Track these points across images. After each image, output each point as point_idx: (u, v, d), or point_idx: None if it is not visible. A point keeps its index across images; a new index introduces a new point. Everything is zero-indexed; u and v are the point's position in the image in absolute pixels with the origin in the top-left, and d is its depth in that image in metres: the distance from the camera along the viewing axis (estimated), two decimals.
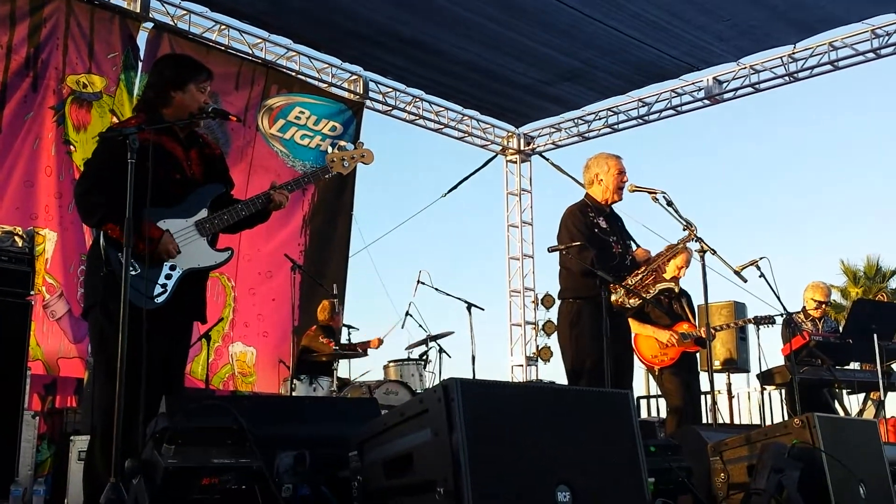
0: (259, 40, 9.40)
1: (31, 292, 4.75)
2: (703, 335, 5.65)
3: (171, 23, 8.67)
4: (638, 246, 5.22)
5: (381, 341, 8.01)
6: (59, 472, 6.08)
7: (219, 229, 3.54)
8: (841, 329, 7.33)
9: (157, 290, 3.36)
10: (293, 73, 9.76)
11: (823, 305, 7.42)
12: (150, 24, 8.40)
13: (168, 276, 3.40)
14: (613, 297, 4.82)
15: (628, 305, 4.93)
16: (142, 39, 8.30)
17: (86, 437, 5.39)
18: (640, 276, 4.98)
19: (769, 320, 6.58)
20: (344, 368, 7.81)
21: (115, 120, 7.67)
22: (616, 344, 4.80)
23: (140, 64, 8.20)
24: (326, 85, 10.11)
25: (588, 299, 4.83)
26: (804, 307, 7.44)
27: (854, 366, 7.25)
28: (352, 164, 3.90)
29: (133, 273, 3.07)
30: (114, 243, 3.26)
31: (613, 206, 5.21)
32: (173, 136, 3.55)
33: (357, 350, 7.78)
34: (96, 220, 3.36)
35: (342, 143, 9.27)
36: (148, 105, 3.63)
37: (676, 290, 5.91)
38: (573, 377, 4.88)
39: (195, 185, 3.54)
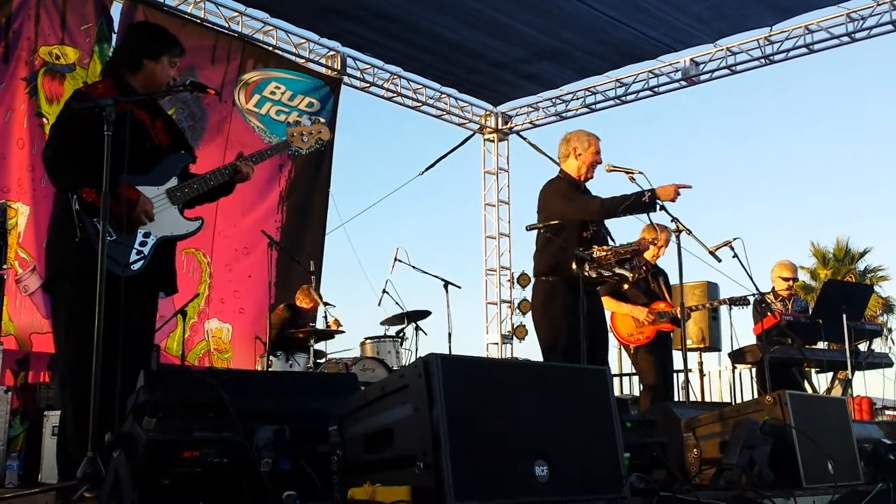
0: (235, 13, 9.27)
1: (4, 266, 4.72)
2: (679, 314, 5.71)
3: None
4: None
5: (337, 322, 7.95)
6: (32, 448, 6.04)
7: (189, 198, 3.52)
8: (811, 309, 7.43)
9: (134, 256, 3.32)
10: (270, 48, 9.65)
11: (791, 281, 7.48)
12: None
13: (143, 244, 3.36)
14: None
15: (594, 276, 4.80)
16: (116, 11, 8.16)
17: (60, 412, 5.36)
18: (605, 252, 4.91)
19: (743, 301, 6.64)
20: (320, 343, 7.81)
21: None
22: (587, 320, 4.80)
23: (114, 36, 8.05)
24: (304, 60, 10.01)
25: (562, 277, 4.84)
26: (773, 288, 7.52)
27: (821, 345, 7.36)
28: (310, 139, 3.91)
29: (109, 239, 2.98)
30: (88, 208, 3.19)
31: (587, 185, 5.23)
32: (140, 103, 3.51)
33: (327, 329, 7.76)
34: (67, 184, 3.28)
35: (320, 119, 9.16)
36: (115, 69, 3.58)
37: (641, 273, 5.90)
38: (547, 354, 4.90)
39: (163, 153, 3.52)
